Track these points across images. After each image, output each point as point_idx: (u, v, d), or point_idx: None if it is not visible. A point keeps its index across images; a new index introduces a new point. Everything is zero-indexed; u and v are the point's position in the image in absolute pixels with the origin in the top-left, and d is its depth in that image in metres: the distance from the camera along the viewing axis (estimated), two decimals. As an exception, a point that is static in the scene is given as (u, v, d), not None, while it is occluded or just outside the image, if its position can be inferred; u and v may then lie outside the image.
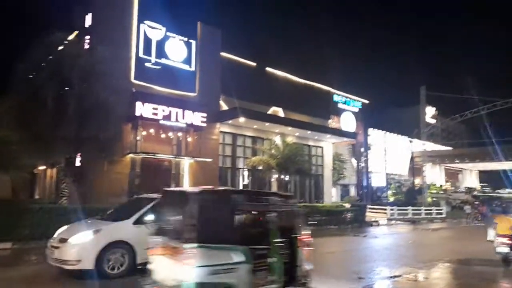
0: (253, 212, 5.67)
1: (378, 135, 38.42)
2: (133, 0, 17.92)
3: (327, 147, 27.36)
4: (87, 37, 16.40)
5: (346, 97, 32.70)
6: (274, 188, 22.06)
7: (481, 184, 54.91)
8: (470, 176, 54.80)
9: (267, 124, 21.96)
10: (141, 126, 17.14)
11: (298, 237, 5.57)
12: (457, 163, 48.48)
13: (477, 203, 36.13)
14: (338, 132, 27.24)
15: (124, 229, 7.79)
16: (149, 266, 5.42)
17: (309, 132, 24.42)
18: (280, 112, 25.15)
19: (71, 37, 17.16)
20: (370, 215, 24.07)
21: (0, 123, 14.50)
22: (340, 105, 32.02)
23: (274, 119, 22.93)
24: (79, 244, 7.30)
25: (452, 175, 52.92)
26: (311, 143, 26.06)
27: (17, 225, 11.02)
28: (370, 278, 8.47)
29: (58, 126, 12.33)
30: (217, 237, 4.83)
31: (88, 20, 17.14)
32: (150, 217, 7.69)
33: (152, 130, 17.54)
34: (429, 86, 36.54)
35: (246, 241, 5.03)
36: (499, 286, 8.68)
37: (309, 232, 6.06)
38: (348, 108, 32.72)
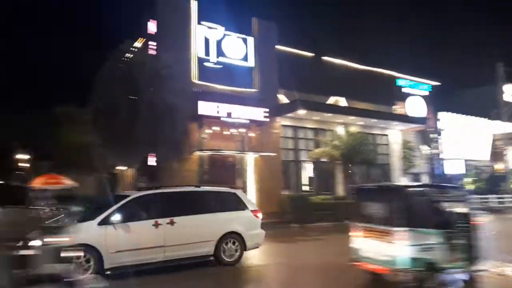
0: (443, 202, 6.74)
1: (451, 118, 35.42)
2: (192, 4, 18.57)
3: (394, 135, 26.00)
4: (152, 43, 17.37)
5: (412, 80, 30.70)
6: (340, 180, 21.57)
7: None
8: None
9: (328, 114, 21.47)
10: (205, 124, 17.78)
11: (473, 222, 6.92)
12: (547, 144, 43.03)
13: None
14: (404, 118, 25.75)
15: (87, 231, 7.35)
16: (353, 245, 6.93)
17: (373, 120, 23.41)
18: (341, 101, 24.39)
19: (138, 44, 18.35)
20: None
21: (86, 129, 16.11)
22: (405, 90, 30.12)
23: (335, 109, 22.35)
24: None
25: (541, 159, 47.17)
26: (376, 131, 24.97)
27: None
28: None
29: (133, 130, 13.30)
30: (420, 222, 6.23)
31: (152, 27, 18.14)
32: (118, 216, 7.55)
33: (216, 128, 18.11)
34: (508, 62, 32.97)
35: (440, 225, 6.35)
36: None
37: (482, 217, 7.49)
38: (415, 92, 30.69)
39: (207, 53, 18.68)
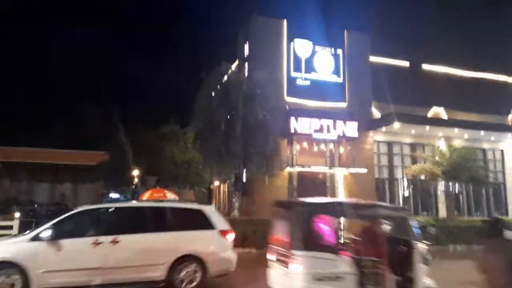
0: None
1: None
2: (283, 22, 19.12)
3: (509, 149, 22.88)
4: (246, 64, 18.34)
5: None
6: (441, 200, 19.72)
7: None
8: None
9: (427, 127, 19.88)
10: (296, 140, 18.01)
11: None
12: None
13: None
14: (521, 130, 22.52)
15: (15, 247, 6.71)
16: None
17: (482, 133, 20.94)
18: (442, 112, 22.39)
19: (233, 66, 19.54)
20: None
21: (187, 147, 17.77)
22: (523, 97, 26.32)
23: (435, 122, 20.62)
24: None
25: None
26: (486, 145, 22.29)
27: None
28: None
29: (228, 146, 14.25)
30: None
31: (246, 48, 19.17)
32: (52, 232, 6.75)
33: (305, 144, 18.20)
34: None
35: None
36: None
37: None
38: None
39: (298, 70, 18.98)
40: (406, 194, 20.39)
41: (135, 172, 20.85)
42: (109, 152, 24.28)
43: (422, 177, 18.82)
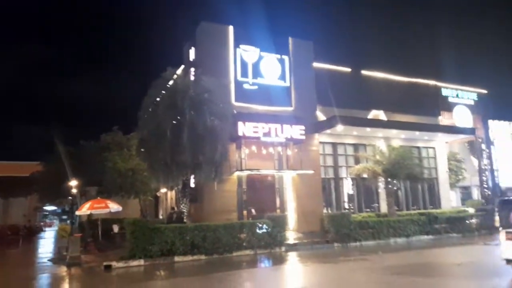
0: None
1: (503, 127, 33.33)
2: (229, 29, 19.28)
3: (440, 147, 24.93)
4: (192, 69, 18.19)
5: (458, 89, 29.37)
6: (382, 196, 20.94)
7: None
8: None
9: (368, 129, 21.09)
10: (244, 144, 18.15)
11: None
12: None
13: None
14: (450, 129, 24.65)
15: None
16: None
17: (417, 133, 22.63)
18: (381, 115, 23.87)
19: (179, 71, 19.27)
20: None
21: (131, 155, 17.10)
22: (451, 99, 28.88)
23: (375, 123, 21.91)
24: None
25: None
26: (420, 144, 24.08)
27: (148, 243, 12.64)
28: None
29: (176, 153, 13.93)
30: None
31: (192, 54, 19.02)
32: None
33: (254, 148, 18.42)
34: None
35: None
36: None
37: None
38: (462, 101, 29.30)
39: (245, 75, 19.22)
40: (351, 192, 21.37)
41: (73, 183, 19.65)
42: (43, 163, 22.78)
43: (365, 175, 19.82)
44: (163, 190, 23.99)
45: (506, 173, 32.22)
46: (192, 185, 16.21)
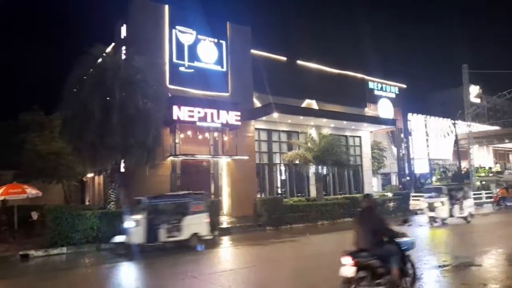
0: None
1: (419, 120, 36.94)
2: (164, 8, 18.49)
3: (365, 136, 26.81)
4: (124, 48, 17.18)
5: (382, 83, 31.72)
6: (312, 182, 22.03)
7: (536, 164, 51.24)
8: (522, 156, 51.32)
9: (302, 117, 21.90)
10: (179, 129, 17.76)
11: None
12: (507, 142, 45.54)
13: None
14: (375, 120, 26.59)
15: None
16: None
17: (345, 122, 24.05)
18: (314, 104, 24.93)
19: (109, 49, 18.08)
20: (414, 204, 23.37)
21: (54, 136, 15.73)
22: (376, 92, 31.13)
23: (308, 112, 22.81)
24: None
25: (501, 156, 49.85)
26: (348, 133, 25.66)
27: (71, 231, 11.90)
28: (418, 268, 8.40)
29: (105, 135, 13.13)
30: None
31: (124, 31, 17.93)
32: None
33: (189, 132, 18.11)
34: (472, 64, 34.63)
35: None
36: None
37: None
38: (385, 95, 31.73)
39: (181, 58, 18.67)
40: (284, 178, 22.16)
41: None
42: None
43: (297, 162, 20.65)
44: (90, 174, 22.61)
45: (420, 162, 35.86)
46: (122, 169, 15.51)
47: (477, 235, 14.15)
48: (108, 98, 13.84)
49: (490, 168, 43.19)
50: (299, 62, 25.77)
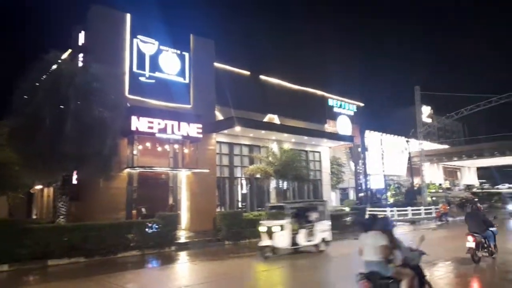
0: None
1: (375, 137, 38.61)
2: (126, 17, 18.14)
3: (325, 152, 27.48)
4: (81, 55, 16.57)
5: (341, 100, 32.92)
6: (273, 196, 22.15)
7: (480, 181, 55.00)
8: (469, 174, 54.93)
9: (263, 131, 22.10)
10: (137, 140, 17.24)
11: None
12: (455, 160, 48.64)
13: (476, 199, 36.15)
14: (334, 136, 27.40)
15: None
16: None
17: (305, 137, 24.54)
18: (276, 119, 25.30)
19: (65, 55, 17.38)
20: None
21: (1, 144, 14.65)
22: (335, 109, 32.23)
23: (270, 127, 23.07)
24: None
25: (450, 173, 53.07)
26: (308, 148, 26.19)
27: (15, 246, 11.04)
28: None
29: (56, 145, 12.43)
30: None
31: (81, 38, 17.33)
32: None
33: (148, 144, 17.64)
34: (424, 86, 36.86)
35: None
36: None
37: None
38: (344, 112, 32.93)
39: (141, 68, 18.30)
40: (244, 191, 22.08)
41: None
42: None
43: (258, 175, 20.71)
44: (39, 186, 21.27)
45: (376, 177, 37.28)
46: (75, 181, 14.73)
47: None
48: (62, 106, 13.20)
49: (440, 184, 45.77)
50: (262, 77, 26.15)
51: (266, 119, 24.53)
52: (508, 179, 51.00)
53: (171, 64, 19.49)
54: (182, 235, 16.55)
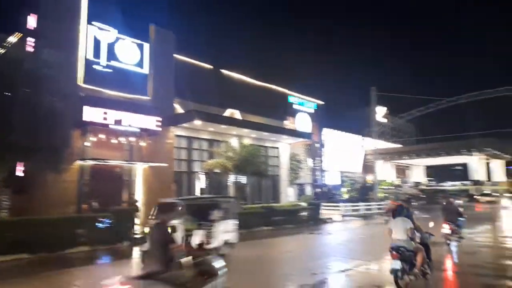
0: None
1: (333, 135, 39.83)
2: (81, 1, 17.25)
3: (284, 148, 27.92)
4: (31, 39, 15.57)
5: (301, 98, 33.55)
6: (232, 191, 22.22)
7: (428, 178, 58.55)
8: (417, 171, 58.26)
9: (224, 126, 22.02)
10: (91, 131, 16.55)
11: None
12: (406, 159, 51.39)
13: (423, 196, 38.50)
14: (294, 133, 27.89)
15: None
16: None
17: (265, 133, 24.78)
18: (236, 114, 25.32)
19: (13, 39, 16.26)
20: (325, 213, 24.94)
21: None
22: (295, 106, 32.80)
23: (230, 121, 23.04)
24: None
25: (402, 171, 55.99)
26: (267, 144, 26.47)
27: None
28: (323, 273, 9.03)
29: (1, 134, 11.66)
30: None
31: (32, 21, 16.27)
32: None
33: (102, 136, 16.97)
34: (383, 87, 38.48)
35: None
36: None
37: None
38: (303, 109, 33.60)
39: (96, 56, 17.54)
40: (203, 186, 21.94)
41: None
42: None
43: (217, 170, 20.64)
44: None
45: (332, 174, 38.50)
46: (20, 173, 13.90)
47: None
48: (8, 93, 12.39)
49: (392, 181, 48.17)
50: (224, 71, 26.01)
51: (227, 114, 24.48)
52: (452, 177, 54.73)
53: (130, 53, 18.87)
54: (137, 230, 16.16)
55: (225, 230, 10.80)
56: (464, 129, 39.58)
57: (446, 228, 10.72)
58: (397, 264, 6.98)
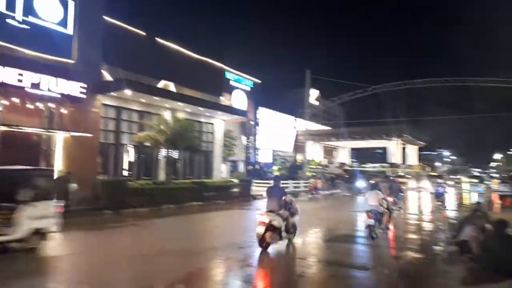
0: None
1: (267, 114, 40.56)
2: None
3: (218, 124, 27.75)
4: None
5: (238, 75, 33.41)
6: (162, 165, 21.64)
7: (352, 160, 62.86)
8: (343, 153, 62.19)
9: (157, 98, 21.06)
10: (3, 94, 14.73)
11: None
12: (333, 141, 54.51)
13: (347, 176, 41.33)
14: (229, 110, 27.76)
15: None
16: None
17: (200, 108, 24.30)
18: (171, 86, 24.40)
19: None
20: (256, 189, 25.59)
21: None
22: (232, 83, 32.61)
23: (164, 94, 22.12)
24: None
25: (329, 152, 59.31)
26: (202, 119, 26.05)
27: None
28: (249, 246, 9.33)
29: None
30: None
31: None
32: None
33: (17, 100, 15.22)
34: (317, 71, 39.78)
35: None
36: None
37: None
38: (240, 86, 33.57)
39: (11, 9, 15.41)
40: (132, 159, 21.02)
41: None
42: None
43: (148, 144, 19.88)
44: None
45: (265, 152, 39.42)
46: None
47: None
48: None
49: (319, 161, 50.85)
50: (159, 40, 24.75)
51: (160, 85, 23.47)
52: (373, 159, 59.42)
53: (52, 10, 16.89)
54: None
55: (37, 216, 8.24)
56: (386, 116, 42.83)
57: (391, 200, 13.74)
58: (371, 222, 10.39)
